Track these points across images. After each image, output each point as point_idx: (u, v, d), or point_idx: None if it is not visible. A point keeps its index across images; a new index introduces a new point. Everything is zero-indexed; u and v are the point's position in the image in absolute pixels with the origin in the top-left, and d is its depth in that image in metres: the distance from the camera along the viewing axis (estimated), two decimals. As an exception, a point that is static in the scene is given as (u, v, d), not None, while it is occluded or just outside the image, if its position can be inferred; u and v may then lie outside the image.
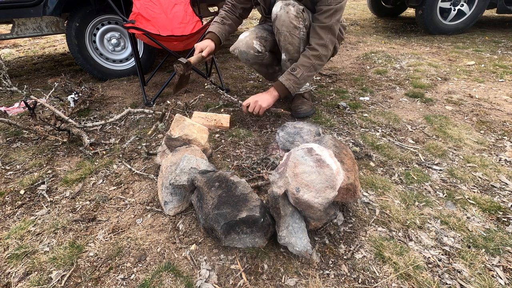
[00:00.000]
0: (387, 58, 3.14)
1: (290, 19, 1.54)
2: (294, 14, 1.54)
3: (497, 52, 3.18)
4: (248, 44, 1.75)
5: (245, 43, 1.75)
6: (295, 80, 1.64)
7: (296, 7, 1.53)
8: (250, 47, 1.75)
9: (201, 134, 1.41)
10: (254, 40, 1.74)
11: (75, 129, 1.71)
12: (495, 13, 4.31)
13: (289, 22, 1.55)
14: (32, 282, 0.94)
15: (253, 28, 1.83)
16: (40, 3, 2.35)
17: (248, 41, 1.75)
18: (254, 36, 1.75)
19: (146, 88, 2.46)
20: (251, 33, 1.77)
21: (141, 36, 2.11)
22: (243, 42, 1.75)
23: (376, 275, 0.94)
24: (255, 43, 1.74)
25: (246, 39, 1.75)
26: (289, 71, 1.65)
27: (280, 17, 1.56)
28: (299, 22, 1.56)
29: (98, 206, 1.26)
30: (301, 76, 1.63)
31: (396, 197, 1.24)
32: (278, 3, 1.58)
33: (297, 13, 1.54)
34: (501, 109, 1.96)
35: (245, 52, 1.76)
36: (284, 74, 1.67)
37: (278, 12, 1.57)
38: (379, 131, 1.75)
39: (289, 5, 1.54)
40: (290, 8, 1.53)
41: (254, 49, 1.75)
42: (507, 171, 1.37)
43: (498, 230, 1.07)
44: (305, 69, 1.62)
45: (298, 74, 1.63)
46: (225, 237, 0.98)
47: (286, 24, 1.56)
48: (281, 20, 1.56)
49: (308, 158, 0.97)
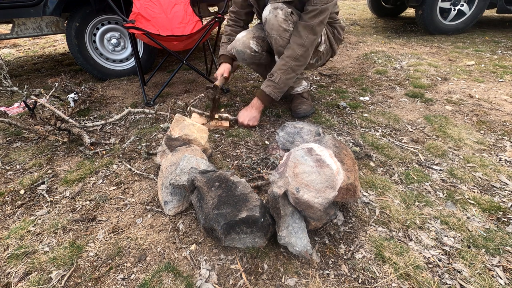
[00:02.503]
0: (387, 58, 3.14)
1: (279, 22, 1.55)
2: (283, 18, 1.54)
3: (497, 52, 3.18)
4: (244, 43, 1.74)
5: (242, 43, 1.75)
6: (275, 85, 1.66)
7: (284, 10, 1.54)
8: (246, 46, 1.74)
9: (201, 134, 1.41)
10: (251, 40, 1.74)
11: (75, 129, 1.71)
12: (495, 13, 4.31)
13: (278, 26, 1.56)
14: (32, 282, 0.94)
15: (251, 28, 1.83)
16: (40, 3, 2.34)
17: (245, 41, 1.75)
18: (251, 36, 1.75)
19: (146, 88, 2.46)
20: (248, 33, 1.77)
21: (141, 36, 2.10)
22: (240, 41, 1.75)
23: (376, 275, 0.94)
24: (252, 42, 1.74)
25: (243, 38, 1.75)
26: (268, 77, 1.68)
27: (269, 21, 1.57)
28: (288, 25, 1.56)
29: (98, 206, 1.26)
30: (280, 81, 1.65)
31: (396, 197, 1.24)
32: (267, 7, 1.59)
33: (285, 16, 1.54)
34: (501, 109, 1.96)
35: (242, 52, 1.76)
36: (264, 81, 1.70)
37: (267, 16, 1.57)
38: (379, 131, 1.75)
39: (277, 9, 1.54)
40: (278, 11, 1.54)
41: (250, 48, 1.75)
42: (507, 171, 1.37)
43: (498, 230, 1.07)
44: (282, 72, 1.63)
45: (276, 79, 1.65)
46: (225, 237, 0.98)
47: (275, 27, 1.57)
48: (270, 23, 1.57)
49: (308, 158, 0.97)
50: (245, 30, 1.82)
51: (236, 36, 1.80)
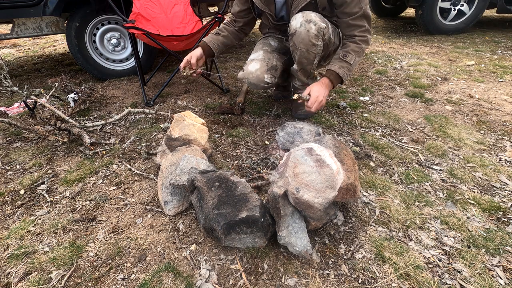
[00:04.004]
0: (387, 58, 3.14)
1: (310, 37, 1.48)
2: (315, 33, 1.47)
3: (497, 52, 3.18)
4: (259, 78, 1.69)
5: (255, 77, 1.69)
6: (349, 67, 1.55)
7: (317, 25, 1.46)
8: (260, 80, 1.69)
9: (201, 134, 1.41)
10: (265, 74, 1.69)
11: (75, 129, 1.71)
12: (495, 13, 4.31)
13: (309, 41, 1.49)
14: (32, 282, 0.94)
15: (262, 54, 1.73)
16: (40, 3, 2.34)
17: (259, 75, 1.68)
18: (265, 70, 1.68)
19: (146, 88, 2.46)
20: (261, 65, 1.69)
21: (141, 36, 2.11)
22: (254, 75, 1.69)
23: (376, 275, 0.94)
24: (266, 77, 1.69)
25: (257, 72, 1.68)
26: (340, 57, 1.54)
27: (300, 35, 1.49)
28: (318, 40, 1.50)
29: (98, 206, 1.26)
30: (354, 62, 1.54)
31: (396, 197, 1.24)
32: (298, 17, 1.49)
33: (317, 32, 1.47)
34: (501, 109, 1.96)
35: (255, 85, 1.73)
36: (334, 62, 1.56)
37: (298, 28, 1.48)
38: (379, 131, 1.75)
39: (310, 23, 1.46)
40: (311, 26, 1.46)
41: (264, 82, 1.70)
42: (507, 171, 1.37)
43: (498, 230, 1.07)
44: (356, 54, 1.53)
45: (351, 60, 1.53)
46: (225, 237, 0.98)
47: (305, 42, 1.50)
48: (300, 37, 1.49)
49: (308, 158, 0.97)
50: (257, 58, 1.71)
51: (248, 68, 1.72)
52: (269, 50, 1.76)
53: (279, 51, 1.80)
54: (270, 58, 1.73)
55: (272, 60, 1.73)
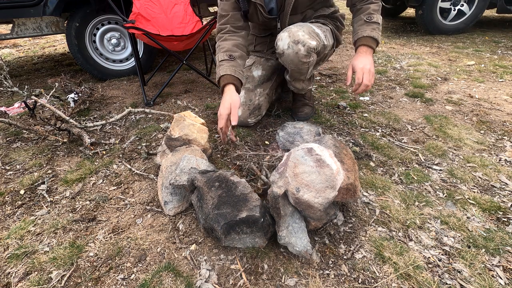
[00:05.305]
0: (387, 58, 3.14)
1: (299, 58, 1.43)
2: (304, 54, 1.41)
3: (497, 52, 3.18)
4: (243, 122, 1.76)
5: (240, 122, 1.73)
6: (378, 27, 1.44)
7: (306, 46, 1.39)
8: (245, 123, 1.77)
9: (201, 134, 1.41)
10: (248, 119, 1.74)
11: (75, 129, 1.71)
12: (495, 13, 4.31)
13: (298, 61, 1.45)
14: (32, 282, 0.94)
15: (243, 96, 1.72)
16: (40, 3, 2.35)
17: (242, 121, 1.74)
18: (247, 115, 1.73)
19: (146, 88, 2.46)
20: (243, 111, 1.73)
21: (141, 36, 2.10)
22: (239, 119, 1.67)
23: (376, 275, 0.94)
24: (250, 120, 1.76)
25: (240, 118, 1.73)
26: (366, 20, 1.43)
27: (288, 56, 1.44)
28: (309, 58, 1.45)
29: (98, 206, 1.26)
30: (380, 21, 1.45)
31: (396, 197, 1.24)
32: (285, 38, 1.41)
33: (307, 52, 1.41)
34: (501, 109, 1.96)
35: (241, 125, 1.79)
36: (362, 28, 1.44)
37: (286, 50, 1.43)
38: (379, 131, 1.75)
39: (298, 44, 1.39)
40: (299, 47, 1.39)
41: (249, 123, 1.78)
42: (507, 171, 1.37)
43: (498, 230, 1.07)
44: (377, 12, 1.44)
45: (378, 20, 1.43)
46: (225, 237, 0.98)
47: (295, 63, 1.46)
48: (289, 59, 1.45)
49: (308, 158, 0.97)
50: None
51: None
52: (251, 88, 1.76)
53: (264, 77, 1.78)
54: (252, 98, 1.74)
55: (255, 99, 1.74)
